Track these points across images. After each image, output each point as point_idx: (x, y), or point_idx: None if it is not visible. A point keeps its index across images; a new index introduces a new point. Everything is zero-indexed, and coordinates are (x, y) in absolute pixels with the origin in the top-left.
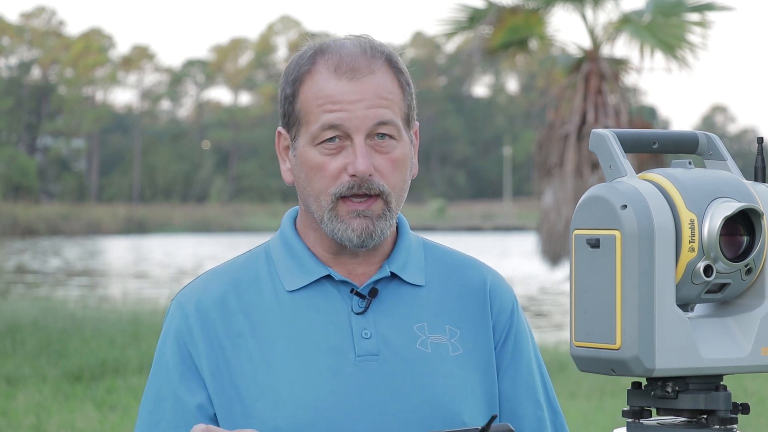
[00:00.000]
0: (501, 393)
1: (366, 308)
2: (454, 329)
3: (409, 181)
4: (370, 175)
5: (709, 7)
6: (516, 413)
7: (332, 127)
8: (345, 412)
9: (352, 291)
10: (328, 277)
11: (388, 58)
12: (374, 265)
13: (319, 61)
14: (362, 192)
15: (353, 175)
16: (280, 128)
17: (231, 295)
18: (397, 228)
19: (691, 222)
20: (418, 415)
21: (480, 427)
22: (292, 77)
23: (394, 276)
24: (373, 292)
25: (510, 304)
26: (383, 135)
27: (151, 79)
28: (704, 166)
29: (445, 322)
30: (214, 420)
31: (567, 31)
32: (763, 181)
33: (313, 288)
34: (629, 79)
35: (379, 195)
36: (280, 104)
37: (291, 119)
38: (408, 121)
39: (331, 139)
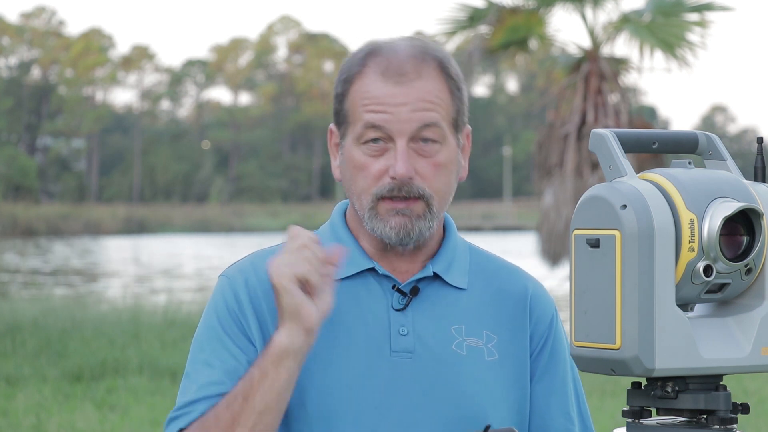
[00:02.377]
0: (532, 402)
1: (406, 305)
2: (491, 334)
3: (456, 184)
4: (410, 178)
5: (709, 7)
6: (546, 424)
7: (374, 127)
8: (373, 404)
9: (393, 287)
10: (373, 270)
11: (439, 63)
12: (418, 264)
13: (370, 63)
14: (402, 195)
15: (394, 178)
16: (332, 126)
17: None
18: (444, 229)
19: (691, 222)
20: (445, 415)
21: None
22: (344, 76)
23: (436, 276)
24: (415, 291)
25: (550, 314)
26: (427, 139)
27: (151, 79)
28: (704, 166)
29: (483, 326)
30: None
31: (567, 31)
32: (763, 181)
33: (357, 279)
34: (629, 79)
35: (420, 197)
36: (333, 101)
37: (340, 117)
38: (456, 125)
39: (374, 140)
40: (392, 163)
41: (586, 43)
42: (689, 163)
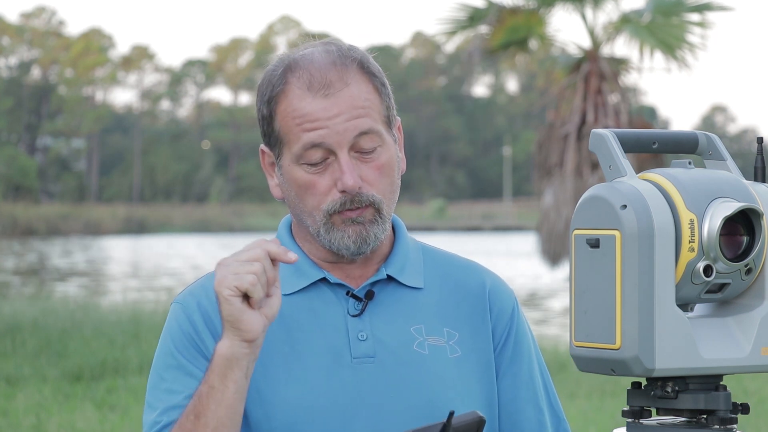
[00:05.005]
0: (500, 396)
1: (362, 310)
2: (452, 331)
3: (399, 179)
4: (359, 188)
5: (709, 7)
6: (516, 417)
7: (314, 146)
8: (340, 413)
9: (347, 293)
10: (324, 280)
11: (359, 65)
12: (372, 268)
13: (291, 80)
14: (354, 206)
15: (343, 191)
16: (263, 146)
17: None
18: (394, 232)
19: (691, 222)
20: (414, 416)
21: (443, 422)
22: (266, 97)
23: (391, 279)
24: (369, 295)
25: (510, 307)
26: (366, 146)
27: (151, 79)
28: (704, 166)
29: (444, 324)
30: None
31: (567, 31)
32: (763, 181)
33: (310, 291)
34: (629, 79)
35: (370, 204)
36: (259, 123)
37: (272, 139)
38: (389, 122)
39: (315, 157)
40: (338, 176)
41: (586, 43)
42: (689, 163)
